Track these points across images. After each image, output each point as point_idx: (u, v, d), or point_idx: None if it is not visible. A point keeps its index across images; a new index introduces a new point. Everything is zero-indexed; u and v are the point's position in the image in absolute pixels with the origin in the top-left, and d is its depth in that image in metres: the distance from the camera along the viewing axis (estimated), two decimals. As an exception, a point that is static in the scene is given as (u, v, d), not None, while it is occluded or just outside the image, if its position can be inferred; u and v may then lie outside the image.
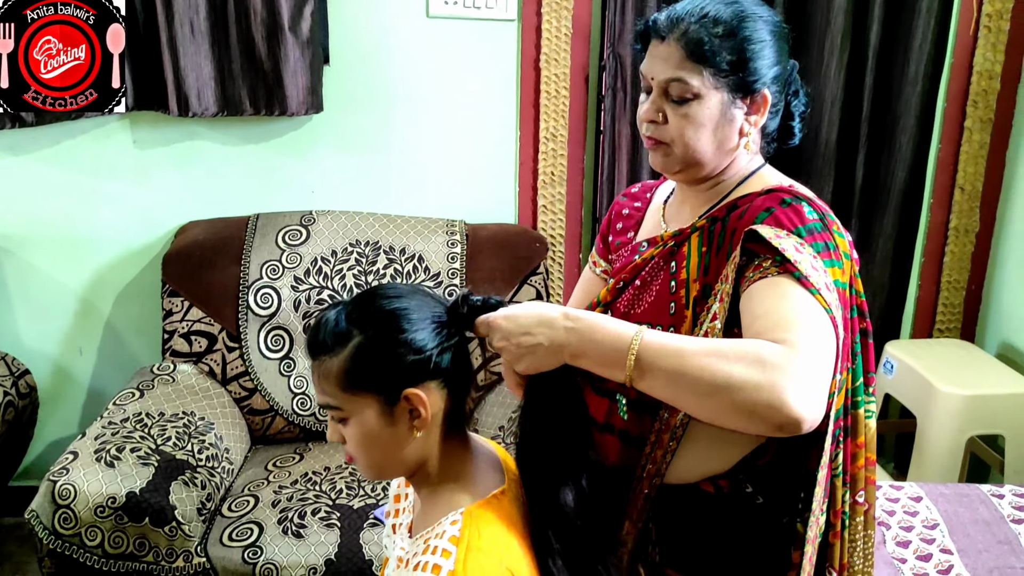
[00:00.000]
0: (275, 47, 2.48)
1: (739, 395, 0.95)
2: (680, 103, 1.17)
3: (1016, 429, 2.50)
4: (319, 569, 2.01)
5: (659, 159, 1.22)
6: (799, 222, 1.10)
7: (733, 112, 1.18)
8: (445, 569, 0.98)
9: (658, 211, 1.34)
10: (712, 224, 1.19)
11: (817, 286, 1.03)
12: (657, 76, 1.18)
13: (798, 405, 0.94)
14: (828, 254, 1.09)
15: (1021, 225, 2.75)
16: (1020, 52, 2.70)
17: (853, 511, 1.18)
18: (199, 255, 2.52)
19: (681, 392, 1.00)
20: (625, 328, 1.03)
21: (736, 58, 1.15)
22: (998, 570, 1.90)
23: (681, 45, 1.15)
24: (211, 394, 2.43)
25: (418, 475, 1.11)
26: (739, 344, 0.99)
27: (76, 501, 1.95)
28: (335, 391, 1.05)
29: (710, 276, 1.15)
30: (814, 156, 2.71)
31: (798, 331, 0.99)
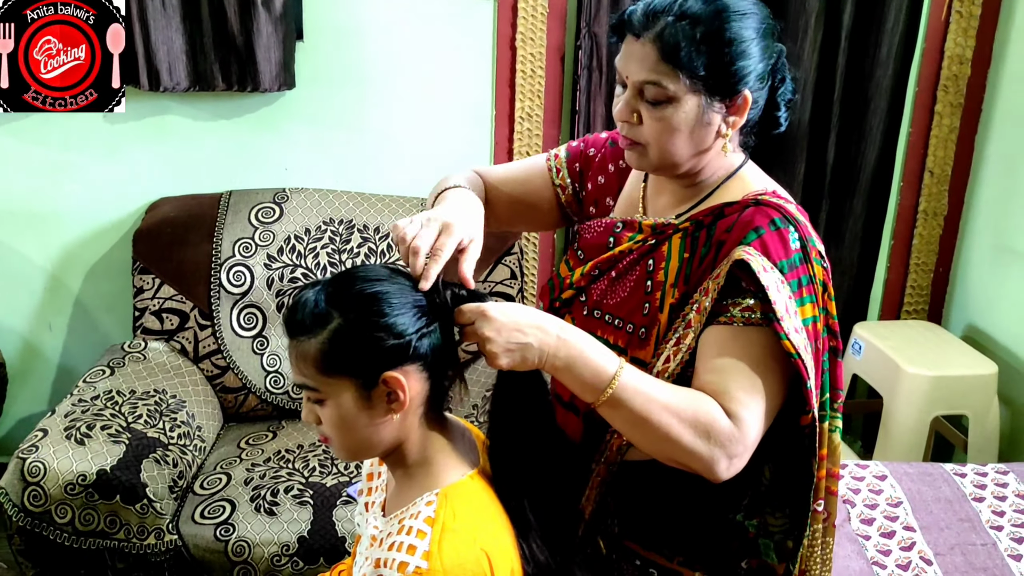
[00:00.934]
0: (247, 21, 2.45)
1: (682, 454, 1.08)
2: (655, 105, 1.12)
3: (980, 410, 2.56)
4: (292, 546, 2.02)
5: (634, 158, 1.20)
6: (784, 255, 1.10)
7: (711, 115, 1.13)
8: (420, 550, 0.99)
9: (638, 187, 1.30)
10: (697, 229, 1.17)
11: (787, 330, 1.07)
12: (632, 76, 1.13)
13: (723, 473, 1.08)
14: (800, 292, 1.11)
15: (988, 209, 2.79)
16: (991, 38, 2.73)
17: (812, 519, 1.20)
18: (170, 232, 2.50)
19: (635, 433, 1.10)
20: (608, 361, 1.07)
21: (716, 61, 1.10)
22: (959, 547, 1.95)
23: (657, 47, 1.10)
24: (183, 372, 2.41)
25: (393, 456, 1.11)
26: (697, 409, 1.07)
27: (46, 478, 1.94)
28: (312, 373, 1.04)
29: (690, 285, 1.15)
30: (786, 137, 2.71)
31: (747, 405, 1.08)
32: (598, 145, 1.39)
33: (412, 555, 0.99)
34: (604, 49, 2.61)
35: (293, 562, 2.02)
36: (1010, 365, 2.64)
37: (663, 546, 1.24)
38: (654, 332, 1.16)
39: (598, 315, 1.23)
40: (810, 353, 1.10)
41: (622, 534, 1.25)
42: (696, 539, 1.23)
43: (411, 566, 0.98)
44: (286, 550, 2.02)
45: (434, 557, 0.98)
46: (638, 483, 1.22)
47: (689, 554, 1.23)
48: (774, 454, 1.17)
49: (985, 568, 1.89)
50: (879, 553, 1.92)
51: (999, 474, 2.20)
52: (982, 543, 1.96)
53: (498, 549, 1.04)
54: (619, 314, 1.21)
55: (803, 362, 1.07)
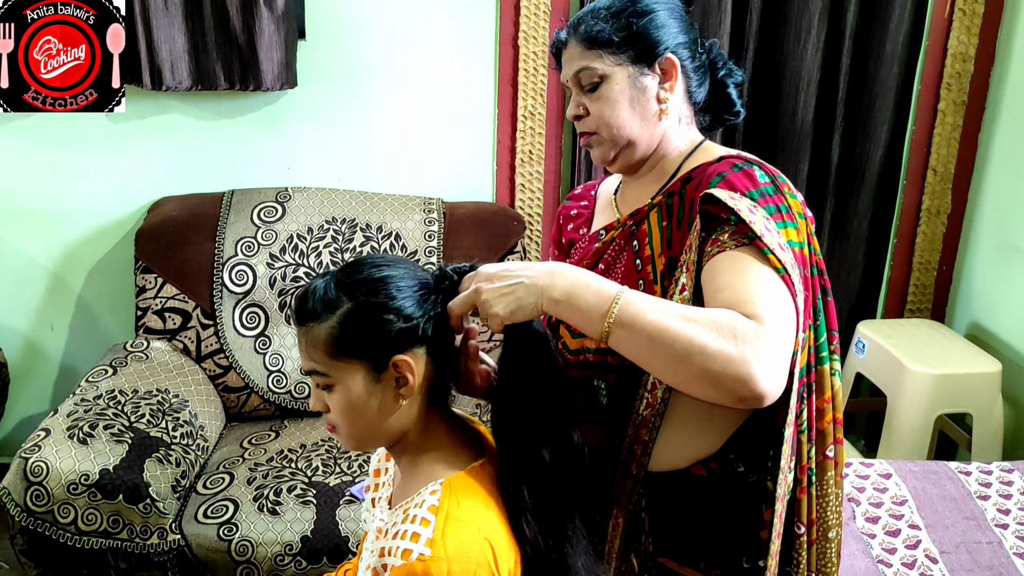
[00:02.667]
0: (250, 21, 2.45)
1: (711, 363, 0.97)
2: (593, 89, 1.22)
3: (984, 408, 2.55)
4: (295, 546, 2.01)
5: (596, 151, 1.26)
6: (751, 185, 1.13)
7: (643, 82, 1.21)
8: (424, 538, 0.99)
9: (609, 202, 1.35)
10: (669, 198, 1.20)
11: (771, 246, 1.06)
12: (568, 75, 1.24)
13: (764, 381, 0.97)
14: (780, 216, 1.12)
15: (992, 207, 2.79)
16: (994, 36, 2.72)
17: (822, 467, 1.18)
18: (173, 231, 2.50)
19: (654, 352, 1.00)
20: (608, 283, 1.04)
21: (626, 33, 1.20)
22: (964, 545, 1.94)
23: (578, 40, 1.23)
24: (185, 371, 2.41)
25: (399, 445, 1.12)
26: (714, 313, 1.00)
27: (48, 478, 1.94)
28: (323, 357, 1.05)
29: (674, 249, 1.17)
30: (790, 136, 2.73)
31: (764, 306, 1.01)
32: (558, 215, 1.45)
33: (416, 542, 0.99)
34: (607, 47, 2.60)
35: (296, 562, 2.01)
36: (1014, 363, 2.64)
37: (699, 560, 1.22)
38: None
39: None
40: (799, 274, 1.09)
41: (656, 551, 1.24)
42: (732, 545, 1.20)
43: (415, 553, 0.98)
44: (289, 550, 2.01)
45: (438, 544, 0.98)
46: (672, 495, 1.21)
47: (726, 566, 1.20)
48: None
49: (991, 566, 1.88)
50: (884, 551, 1.92)
51: (1004, 472, 2.19)
52: (987, 541, 1.95)
53: (502, 538, 1.03)
54: None
55: (791, 277, 1.06)
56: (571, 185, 2.80)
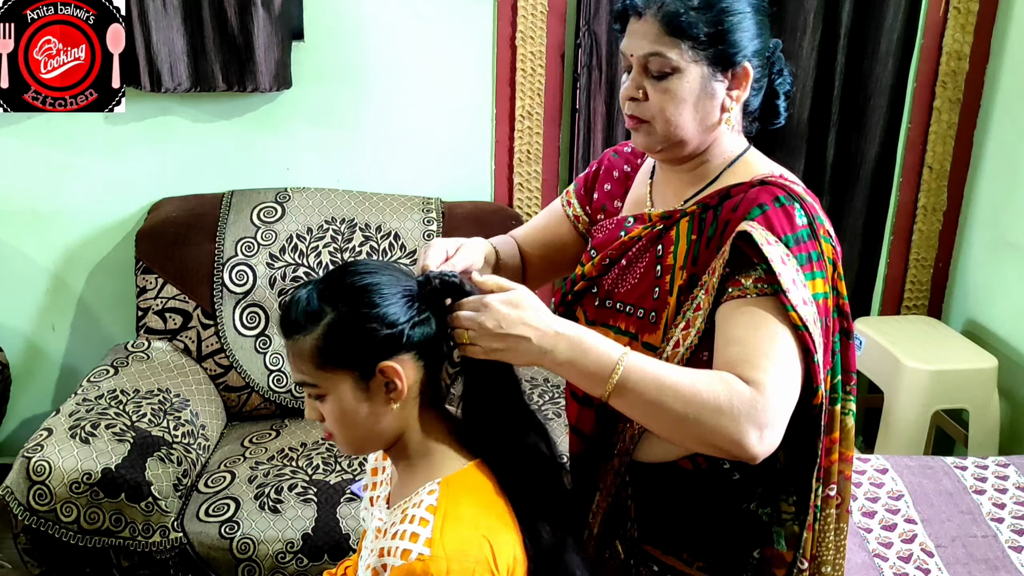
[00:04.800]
0: (247, 22, 2.46)
1: (705, 432, 1.03)
2: (660, 78, 1.15)
3: (980, 403, 2.56)
4: (296, 544, 2.03)
5: (641, 138, 1.20)
6: (789, 228, 1.11)
7: (714, 86, 1.16)
8: (423, 538, 1.00)
9: (645, 184, 1.32)
10: (703, 211, 1.18)
11: (794, 302, 1.06)
12: (636, 53, 1.16)
13: (755, 446, 1.03)
14: (810, 266, 1.11)
15: (988, 204, 2.80)
16: (989, 33, 2.74)
17: (825, 504, 1.20)
18: (173, 232, 2.51)
19: (652, 419, 1.06)
20: (611, 348, 1.06)
21: (714, 30, 1.13)
22: (960, 539, 1.96)
23: (658, 19, 1.13)
24: (186, 371, 2.42)
25: (396, 448, 1.12)
26: (712, 384, 1.03)
27: (51, 477, 1.95)
28: (310, 369, 1.06)
29: (698, 267, 1.15)
30: (786, 133, 2.74)
31: (769, 369, 1.04)
32: (602, 160, 1.42)
33: (415, 542, 1.00)
34: (604, 47, 2.62)
35: (297, 559, 2.03)
36: (1010, 359, 2.65)
37: (682, 551, 1.23)
38: (663, 316, 1.17)
39: (609, 304, 1.24)
40: (819, 328, 1.09)
41: (641, 538, 1.26)
42: (714, 539, 1.22)
43: (414, 553, 0.99)
44: (290, 547, 2.03)
45: (437, 544, 0.99)
46: (656, 485, 1.22)
47: (708, 559, 1.22)
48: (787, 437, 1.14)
49: (986, 559, 1.90)
50: (881, 545, 1.93)
51: (999, 467, 2.21)
52: (983, 535, 1.97)
53: (500, 536, 1.04)
54: (630, 300, 1.21)
55: (810, 334, 1.07)
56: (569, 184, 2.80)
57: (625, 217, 1.28)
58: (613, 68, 2.64)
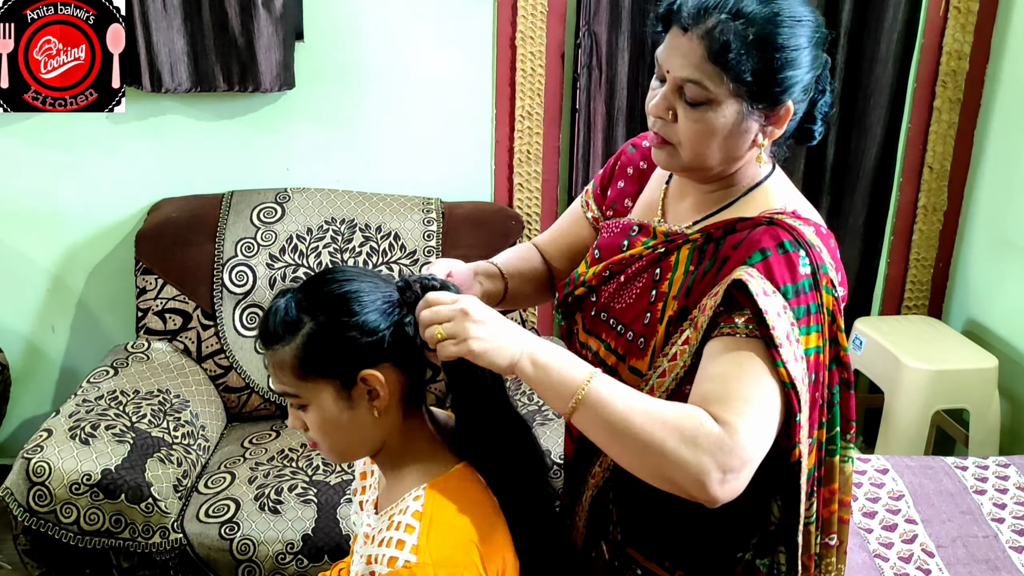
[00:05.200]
0: (248, 22, 2.46)
1: (667, 466, 0.98)
2: (694, 106, 1.07)
3: (980, 403, 2.56)
4: (296, 544, 2.03)
5: (663, 157, 1.14)
6: (790, 279, 1.04)
7: (750, 123, 1.08)
8: (409, 544, 0.99)
9: (659, 188, 1.26)
10: (706, 242, 1.12)
11: (785, 358, 1.01)
12: (674, 72, 1.07)
13: (717, 490, 0.98)
14: (807, 319, 1.05)
15: (988, 204, 2.80)
16: (989, 33, 2.74)
17: (825, 552, 1.16)
18: (173, 233, 2.51)
19: (614, 444, 1.01)
20: (579, 368, 1.02)
21: (764, 67, 1.04)
22: (961, 539, 1.96)
23: (705, 44, 1.04)
24: (186, 372, 2.42)
25: (381, 454, 1.12)
26: (680, 417, 0.99)
27: (51, 478, 1.95)
28: (291, 379, 1.05)
29: (690, 299, 1.11)
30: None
31: (744, 413, 0.99)
32: (619, 155, 1.37)
33: (401, 550, 0.99)
34: (604, 48, 2.62)
35: (298, 560, 2.03)
36: (1010, 359, 2.65)
37: (663, 558, 1.22)
38: (651, 344, 1.13)
39: (604, 318, 1.22)
40: (807, 385, 1.04)
41: (624, 541, 1.25)
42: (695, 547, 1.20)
43: (400, 560, 0.98)
44: (290, 548, 2.03)
45: (423, 550, 0.99)
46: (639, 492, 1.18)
47: (689, 568, 1.21)
48: (784, 489, 1.10)
49: (987, 560, 1.90)
50: (881, 546, 1.93)
51: (1000, 467, 2.20)
52: (983, 535, 1.97)
53: (488, 540, 1.04)
54: (623, 320, 1.19)
55: (796, 393, 1.02)
56: (569, 185, 2.80)
57: (632, 223, 1.24)
58: (613, 68, 2.64)
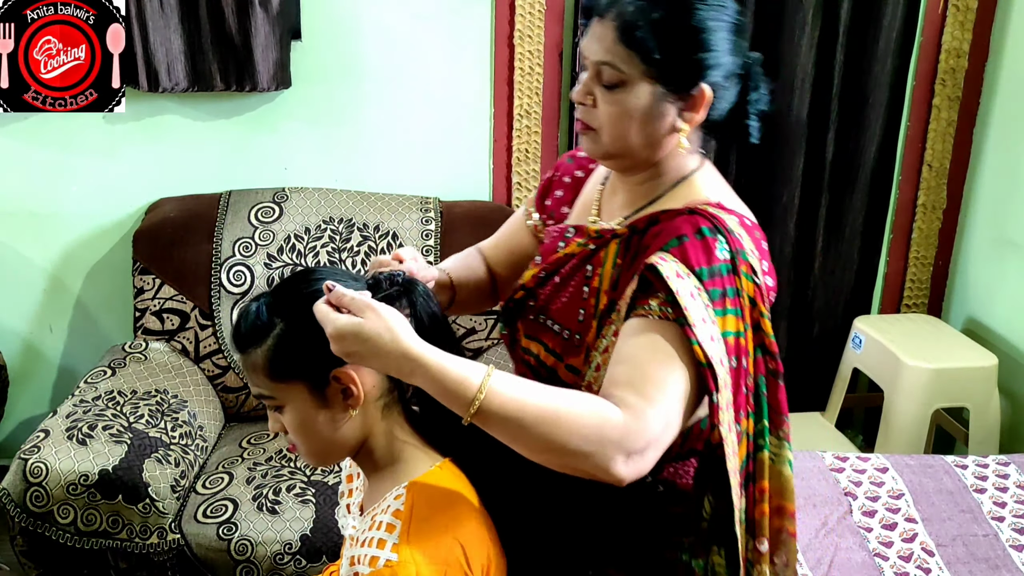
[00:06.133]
0: (245, 22, 2.45)
1: (571, 459, 0.98)
2: (610, 88, 1.09)
3: (980, 402, 2.56)
4: (294, 545, 2.02)
5: (588, 144, 1.16)
6: (705, 262, 1.05)
7: (664, 106, 1.09)
8: (390, 543, 0.99)
9: (594, 191, 1.28)
10: (631, 235, 1.14)
11: (700, 338, 1.01)
12: (590, 57, 1.11)
13: (622, 472, 0.98)
14: (723, 302, 1.05)
15: (987, 202, 2.80)
16: (988, 31, 2.73)
17: (757, 559, 1.12)
18: (170, 232, 2.50)
19: (518, 444, 1.00)
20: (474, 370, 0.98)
21: (673, 48, 1.06)
22: (961, 538, 1.95)
23: (615, 26, 1.07)
24: (184, 372, 2.42)
25: (361, 454, 1.11)
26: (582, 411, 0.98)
27: (48, 479, 1.94)
28: (265, 382, 1.05)
29: (617, 292, 1.12)
30: (785, 132, 2.74)
31: (652, 398, 0.99)
32: (557, 166, 1.39)
33: (383, 549, 0.99)
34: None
35: (296, 560, 2.02)
36: (1010, 357, 2.64)
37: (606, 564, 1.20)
38: (586, 339, 1.14)
39: (543, 320, 1.22)
40: (727, 368, 1.04)
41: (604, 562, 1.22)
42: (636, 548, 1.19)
43: (381, 560, 0.98)
44: (288, 548, 2.02)
45: (404, 549, 0.98)
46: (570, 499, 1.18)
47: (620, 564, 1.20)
48: (715, 481, 1.09)
49: (987, 559, 1.89)
50: (881, 545, 1.93)
51: (1000, 465, 2.20)
52: (984, 534, 1.96)
53: (472, 536, 1.03)
54: (559, 319, 1.19)
55: (712, 372, 1.02)
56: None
57: (568, 227, 1.25)
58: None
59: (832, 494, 2.06)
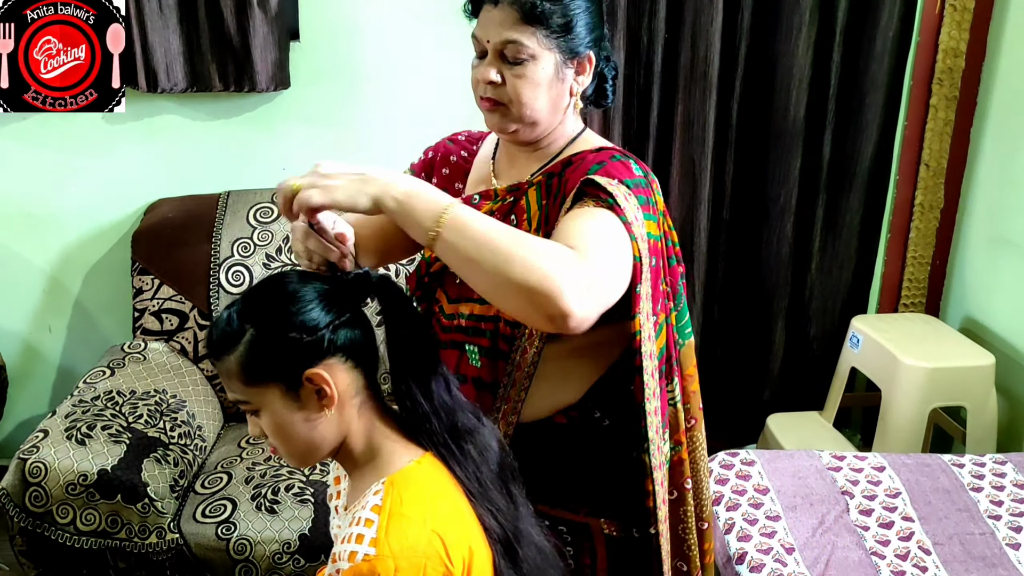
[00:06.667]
0: (244, 22, 2.46)
1: (525, 275, 1.02)
2: (516, 64, 1.22)
3: (977, 401, 2.56)
4: (293, 544, 2.03)
5: (496, 120, 1.27)
6: (627, 175, 1.20)
7: (564, 72, 1.24)
8: (368, 537, 1.00)
9: (486, 165, 1.38)
10: (549, 179, 1.26)
11: (636, 235, 1.15)
12: (492, 39, 1.23)
13: (570, 301, 1.02)
14: (649, 208, 1.21)
15: (984, 202, 2.80)
16: (985, 30, 2.73)
17: (691, 431, 1.33)
18: (169, 233, 2.51)
19: (472, 264, 1.05)
20: (440, 197, 1.08)
21: (564, 21, 1.21)
22: (958, 536, 1.96)
23: (516, 8, 1.21)
24: (183, 372, 2.42)
25: (341, 454, 1.12)
26: (540, 241, 1.08)
27: (47, 479, 1.95)
28: (239, 387, 1.06)
29: (551, 225, 1.22)
30: (782, 132, 2.74)
31: (592, 243, 1.10)
32: (437, 148, 1.48)
33: (360, 543, 0.99)
34: (599, 46, 2.61)
35: (294, 560, 2.02)
36: (1007, 356, 2.65)
37: (568, 501, 1.31)
38: None
39: None
40: (648, 265, 1.19)
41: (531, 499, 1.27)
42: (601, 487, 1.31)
43: (360, 554, 0.98)
44: (287, 548, 2.02)
45: (382, 543, 0.99)
46: (536, 444, 1.29)
47: (593, 504, 1.31)
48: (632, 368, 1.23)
49: (983, 557, 1.90)
50: (878, 543, 1.93)
51: (997, 464, 2.20)
52: (980, 532, 1.97)
53: (452, 529, 1.04)
54: None
55: (641, 266, 1.16)
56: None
57: (470, 196, 1.32)
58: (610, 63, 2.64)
59: (829, 493, 2.07)
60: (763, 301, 2.89)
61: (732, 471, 2.12)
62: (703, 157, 2.71)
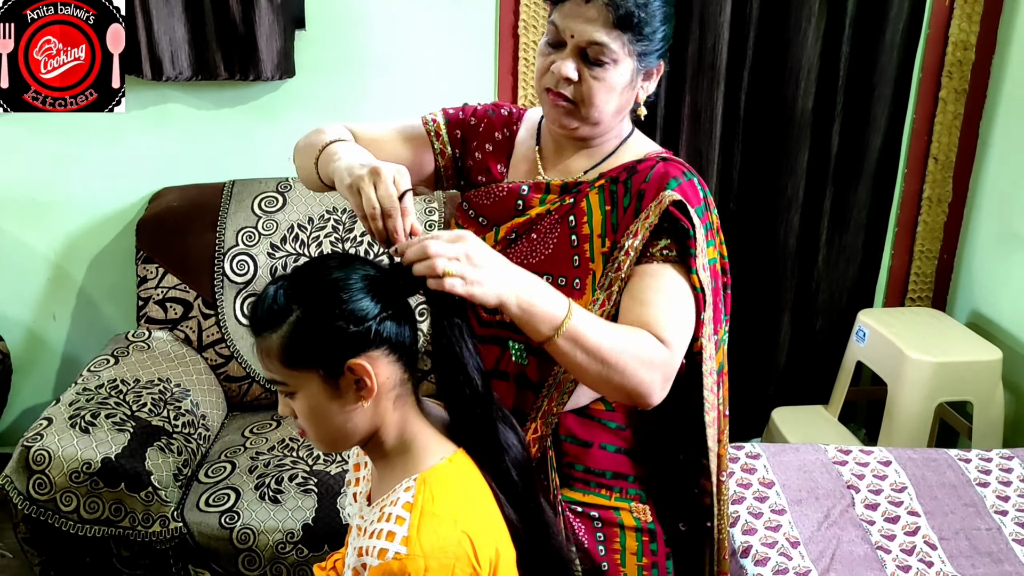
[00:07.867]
0: (249, 11, 2.45)
1: (624, 382, 1.13)
2: (596, 65, 1.19)
3: (984, 395, 2.55)
4: (296, 534, 2.02)
5: (559, 115, 1.24)
6: (695, 200, 1.22)
7: (637, 80, 1.23)
8: (399, 536, 0.98)
9: (531, 150, 1.34)
10: (613, 184, 1.25)
11: (697, 267, 1.19)
12: (578, 36, 1.18)
13: (657, 397, 1.17)
14: (711, 234, 1.24)
15: (993, 196, 2.78)
16: (995, 23, 2.72)
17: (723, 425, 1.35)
18: (174, 221, 2.50)
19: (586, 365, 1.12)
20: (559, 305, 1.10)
21: (651, 30, 1.19)
22: (964, 531, 1.95)
23: (610, 10, 1.16)
24: (187, 361, 2.42)
25: (371, 444, 1.10)
26: (639, 340, 1.14)
27: (51, 467, 1.95)
28: (278, 367, 1.04)
29: (619, 233, 1.23)
30: (790, 124, 2.73)
31: (673, 330, 1.17)
32: (479, 115, 1.42)
33: (391, 541, 0.98)
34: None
35: (298, 549, 2.02)
36: (1014, 351, 2.64)
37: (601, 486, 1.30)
38: (588, 280, 1.23)
39: None
40: (711, 290, 1.23)
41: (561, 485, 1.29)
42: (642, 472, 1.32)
43: (390, 552, 0.97)
44: (291, 537, 2.02)
45: (413, 542, 0.98)
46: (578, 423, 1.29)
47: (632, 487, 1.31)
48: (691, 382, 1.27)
49: (990, 552, 1.89)
50: (883, 538, 1.92)
51: (1003, 459, 2.19)
52: (986, 527, 1.96)
53: (481, 530, 1.03)
54: (547, 270, 1.24)
55: (704, 296, 1.20)
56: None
57: (519, 185, 1.30)
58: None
59: (835, 487, 2.06)
60: (769, 294, 2.88)
61: (737, 464, 2.12)
62: (710, 148, 2.69)
